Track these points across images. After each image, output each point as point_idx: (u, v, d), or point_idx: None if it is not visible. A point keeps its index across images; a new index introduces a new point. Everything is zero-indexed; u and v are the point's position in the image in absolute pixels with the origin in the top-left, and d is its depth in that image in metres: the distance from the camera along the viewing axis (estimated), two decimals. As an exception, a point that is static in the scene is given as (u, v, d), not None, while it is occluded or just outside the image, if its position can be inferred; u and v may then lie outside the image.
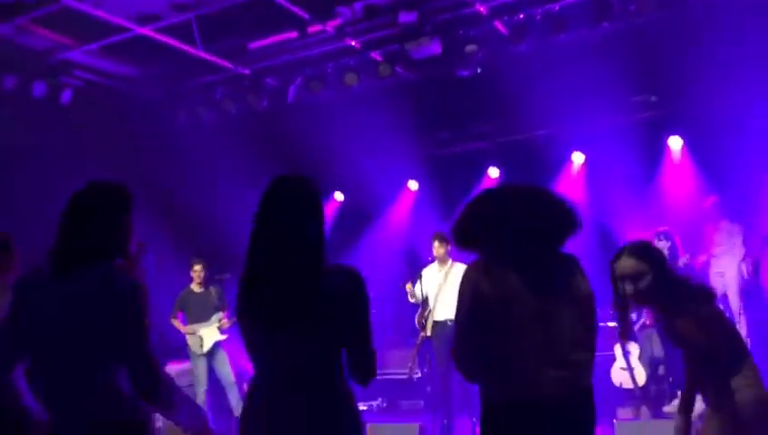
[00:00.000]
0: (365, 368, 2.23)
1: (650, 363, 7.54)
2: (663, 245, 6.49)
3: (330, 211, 9.70)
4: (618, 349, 7.40)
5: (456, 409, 6.46)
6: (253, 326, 2.23)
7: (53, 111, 6.62)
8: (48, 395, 2.28)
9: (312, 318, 2.15)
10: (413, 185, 9.77)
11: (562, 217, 2.38)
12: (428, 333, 6.51)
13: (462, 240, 2.43)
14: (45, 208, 6.29)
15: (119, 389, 2.22)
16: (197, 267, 7.17)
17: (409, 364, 6.87)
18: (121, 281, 2.24)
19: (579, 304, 2.31)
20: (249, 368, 8.73)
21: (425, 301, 6.61)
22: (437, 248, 6.54)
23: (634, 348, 7.29)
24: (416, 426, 5.45)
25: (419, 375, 7.94)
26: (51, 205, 6.32)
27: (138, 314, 2.22)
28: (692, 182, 8.16)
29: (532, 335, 2.22)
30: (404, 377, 7.67)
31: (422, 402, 7.91)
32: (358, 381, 2.25)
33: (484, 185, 9.26)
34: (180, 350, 7.30)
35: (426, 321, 6.59)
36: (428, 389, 6.73)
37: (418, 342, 6.58)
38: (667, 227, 6.68)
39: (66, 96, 6.68)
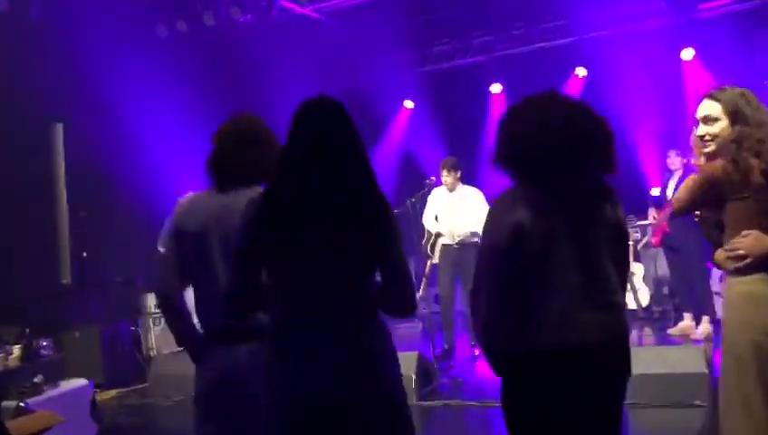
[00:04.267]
0: (403, 298, 2.09)
1: (654, 284, 7.39)
2: (679, 160, 6.20)
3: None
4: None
5: (459, 331, 6.35)
6: (279, 247, 2.03)
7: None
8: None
9: (348, 239, 2.00)
10: (409, 104, 9.36)
11: (604, 132, 2.07)
12: (436, 260, 6.32)
13: (507, 162, 2.08)
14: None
15: None
16: None
17: (420, 294, 6.64)
18: None
19: (617, 241, 2.08)
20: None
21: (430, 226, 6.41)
22: (446, 177, 6.25)
23: (638, 269, 7.11)
24: (414, 354, 5.26)
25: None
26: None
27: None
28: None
29: (573, 275, 1.96)
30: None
31: (420, 325, 7.76)
32: (395, 313, 2.12)
33: (486, 101, 8.90)
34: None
35: (433, 246, 6.39)
36: (425, 310, 6.53)
37: (427, 270, 6.37)
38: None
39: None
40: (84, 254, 6.83)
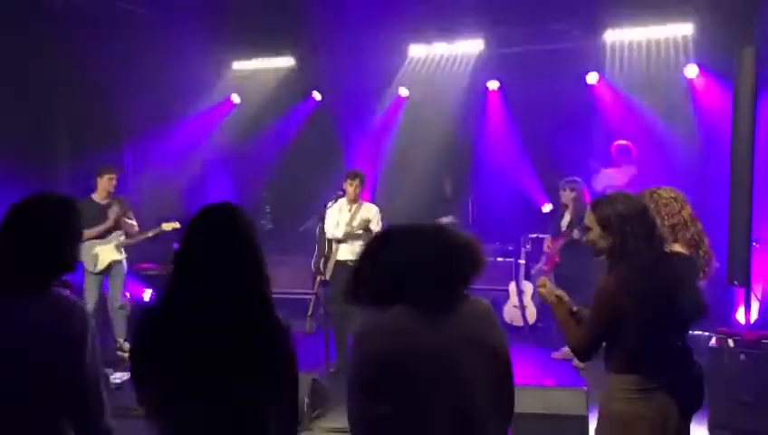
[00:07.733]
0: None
1: (541, 302, 7.76)
2: (569, 195, 6.42)
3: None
4: (512, 287, 7.56)
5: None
6: (161, 376, 1.97)
7: None
8: None
9: (242, 372, 1.96)
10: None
11: (469, 258, 2.10)
12: (327, 277, 6.33)
13: (370, 297, 2.08)
14: None
15: None
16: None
17: (310, 313, 6.52)
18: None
19: (489, 360, 2.05)
20: (140, 293, 8.03)
21: (323, 242, 6.36)
22: (350, 186, 6.24)
23: (527, 287, 7.46)
24: (308, 378, 5.30)
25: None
26: None
27: None
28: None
29: (432, 402, 1.95)
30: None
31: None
32: None
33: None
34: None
35: (326, 263, 6.38)
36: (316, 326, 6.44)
37: (316, 289, 6.33)
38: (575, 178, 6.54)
39: None
40: None
